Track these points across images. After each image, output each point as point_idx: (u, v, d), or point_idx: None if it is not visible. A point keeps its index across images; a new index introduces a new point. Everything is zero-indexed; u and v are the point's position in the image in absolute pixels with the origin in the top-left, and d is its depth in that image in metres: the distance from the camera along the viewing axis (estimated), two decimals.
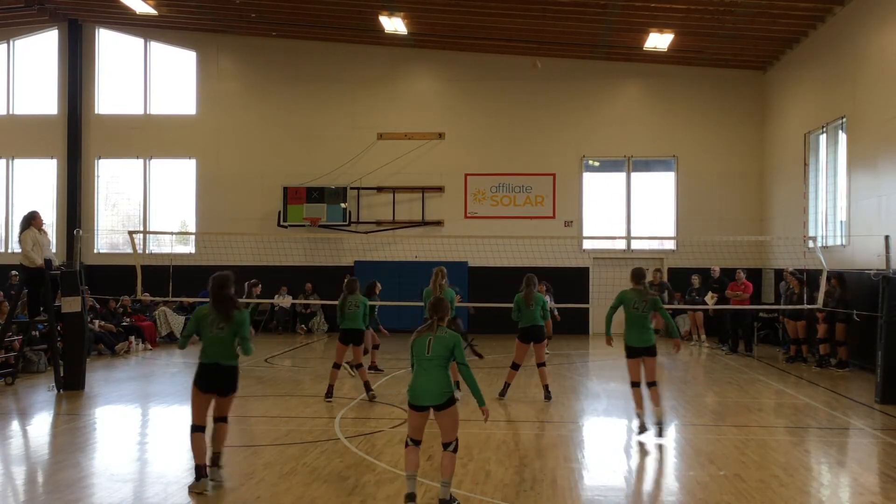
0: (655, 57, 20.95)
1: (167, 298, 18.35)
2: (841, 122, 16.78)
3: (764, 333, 19.00)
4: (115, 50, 23.67)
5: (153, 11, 20.68)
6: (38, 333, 14.48)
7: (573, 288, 20.30)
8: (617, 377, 14.53)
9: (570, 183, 22.26)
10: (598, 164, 22.64)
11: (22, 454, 8.77)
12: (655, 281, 17.19)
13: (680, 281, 20.53)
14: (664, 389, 12.79)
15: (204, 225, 22.74)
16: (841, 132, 17.05)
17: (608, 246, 22.23)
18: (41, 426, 10.37)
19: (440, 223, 22.14)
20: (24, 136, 23.49)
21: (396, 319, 18.70)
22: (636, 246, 22.27)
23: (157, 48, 23.42)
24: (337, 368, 11.63)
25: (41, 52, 23.73)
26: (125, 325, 18.07)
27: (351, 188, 22.03)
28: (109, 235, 23.67)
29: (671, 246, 22.03)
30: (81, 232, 15.92)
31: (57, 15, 22.70)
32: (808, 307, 15.10)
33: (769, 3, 16.78)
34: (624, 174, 22.38)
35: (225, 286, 7.41)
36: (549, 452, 8.51)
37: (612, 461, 8.32)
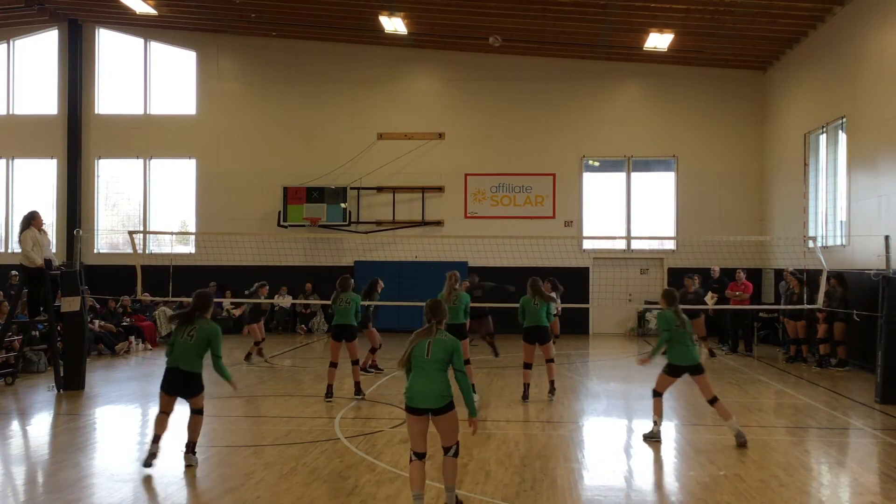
0: (655, 57, 20.96)
1: (167, 298, 18.35)
2: (841, 122, 16.78)
3: (764, 333, 19.01)
4: (115, 50, 23.67)
5: (153, 11, 20.69)
6: (37, 333, 14.49)
7: (573, 288, 20.27)
8: (617, 377, 14.54)
9: (570, 183, 22.27)
10: (598, 164, 22.64)
11: (22, 454, 8.77)
12: (690, 289, 16.81)
13: (680, 281, 20.55)
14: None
15: (204, 225, 22.74)
16: (841, 132, 17.05)
17: (608, 246, 22.23)
18: (41, 426, 10.37)
19: (440, 223, 22.14)
20: (24, 136, 23.49)
21: (396, 319, 18.74)
22: (636, 246, 22.28)
23: (157, 48, 23.42)
24: (334, 367, 11.63)
25: (41, 52, 23.73)
26: (125, 325, 18.08)
27: (351, 188, 22.04)
28: (109, 235, 23.67)
29: (671, 246, 22.03)
30: (81, 232, 15.93)
31: (57, 15, 22.70)
32: (808, 307, 15.10)
33: (769, 3, 16.78)
34: (624, 174, 22.38)
35: (206, 308, 7.91)
36: (549, 452, 8.51)
37: (612, 461, 8.32)
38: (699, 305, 16.43)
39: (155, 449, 7.84)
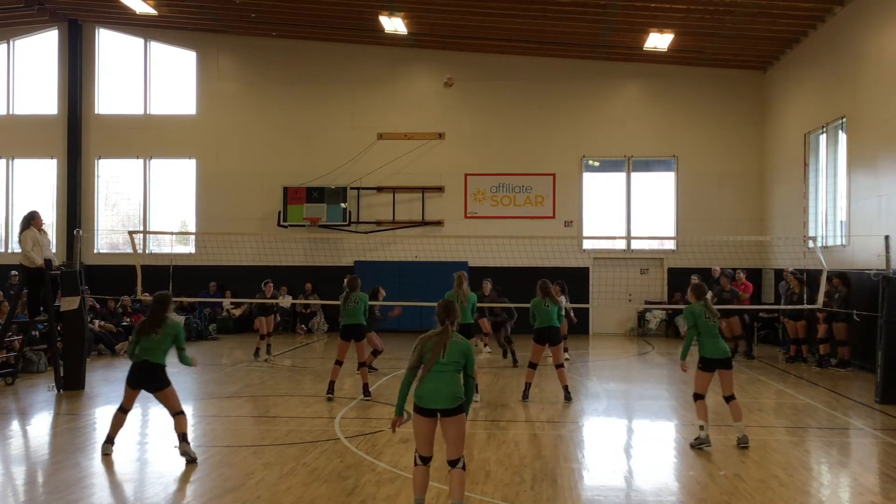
0: (655, 57, 20.96)
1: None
2: (841, 122, 16.78)
3: (764, 333, 19.02)
4: (115, 50, 23.66)
5: (153, 11, 20.68)
6: (37, 333, 14.49)
7: (573, 288, 20.21)
8: (617, 377, 14.55)
9: (570, 183, 22.27)
10: (598, 164, 22.64)
11: (22, 454, 8.77)
12: (726, 287, 16.55)
13: (680, 281, 20.58)
14: (664, 390, 12.82)
15: (204, 225, 22.74)
16: (841, 132, 17.04)
17: (608, 246, 22.23)
18: (41, 426, 10.37)
19: (440, 223, 22.14)
20: (24, 136, 23.49)
21: (396, 320, 18.69)
22: (636, 246, 22.28)
23: (157, 48, 23.42)
24: (339, 365, 11.64)
25: (41, 52, 23.73)
26: (125, 324, 18.08)
27: (351, 188, 22.03)
28: (109, 235, 23.67)
29: (671, 246, 22.04)
30: (81, 232, 15.92)
31: (57, 15, 22.70)
32: (808, 307, 15.10)
33: (769, 3, 16.78)
34: (624, 174, 22.38)
35: (165, 308, 8.43)
36: (549, 452, 8.51)
37: (612, 461, 8.32)
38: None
39: (108, 450, 8.26)
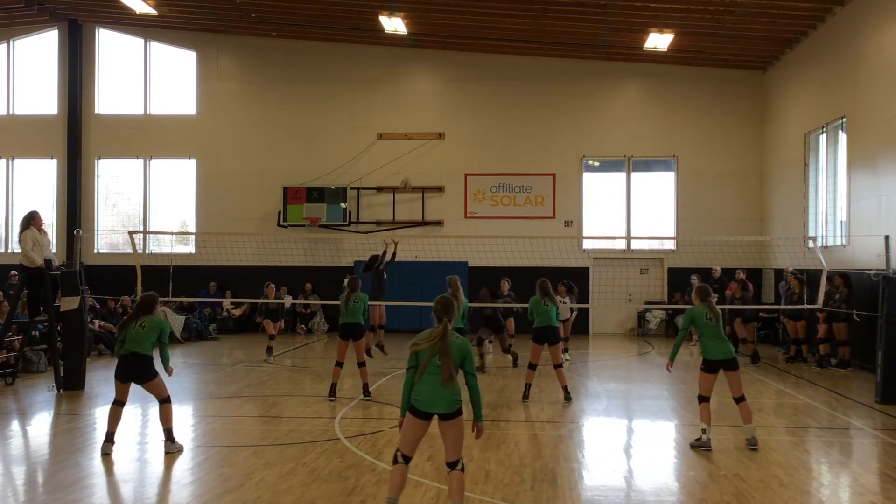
0: (655, 57, 20.96)
1: (167, 298, 18.34)
2: (841, 122, 16.78)
3: (764, 333, 19.01)
4: (115, 50, 23.67)
5: (153, 11, 20.68)
6: (37, 333, 14.48)
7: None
8: (616, 377, 14.54)
9: (570, 183, 22.27)
10: (598, 164, 22.64)
11: (22, 454, 8.77)
12: (737, 294, 16.26)
13: (680, 281, 20.59)
14: (664, 390, 12.81)
15: (204, 225, 22.74)
16: (841, 132, 17.05)
17: (608, 246, 22.23)
18: (41, 426, 10.37)
19: (440, 223, 22.14)
20: (24, 136, 23.49)
21: (396, 320, 18.74)
22: (636, 246, 22.28)
23: (157, 48, 23.42)
24: (339, 367, 11.63)
25: (41, 52, 23.73)
26: None
27: (351, 188, 22.04)
28: (109, 235, 23.67)
29: (671, 246, 22.04)
30: (81, 232, 15.92)
31: (57, 15, 22.70)
32: (808, 307, 15.09)
33: (769, 3, 16.78)
34: (624, 174, 22.39)
35: (149, 308, 8.66)
36: (549, 452, 8.50)
37: (612, 461, 8.32)
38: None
39: (108, 449, 8.33)
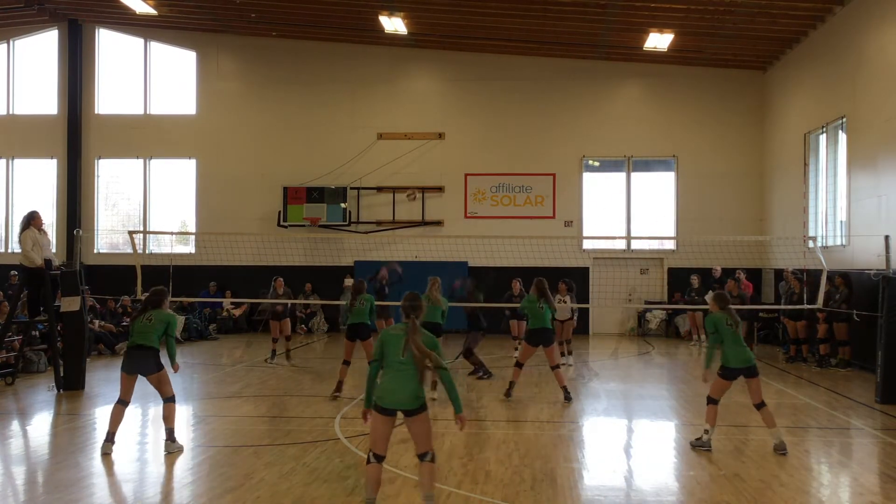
0: (655, 57, 20.95)
1: (169, 298, 18.32)
2: (841, 122, 16.78)
3: (764, 333, 19.01)
4: (115, 50, 23.67)
5: (153, 11, 20.67)
6: (37, 333, 14.48)
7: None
8: (616, 377, 14.54)
9: (570, 183, 22.27)
10: (598, 164, 22.64)
11: (22, 454, 8.77)
12: (734, 292, 16.23)
13: (680, 281, 20.58)
14: (664, 390, 12.82)
15: (204, 225, 22.74)
16: (841, 132, 17.05)
17: (608, 246, 22.23)
18: (41, 426, 10.37)
19: (440, 223, 22.14)
20: (24, 136, 23.49)
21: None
22: (636, 246, 22.28)
23: (156, 48, 23.42)
24: (347, 365, 11.69)
25: (41, 52, 23.73)
26: (125, 325, 18.06)
27: (351, 188, 22.04)
28: (109, 235, 23.67)
29: (671, 246, 22.04)
30: (81, 232, 15.92)
31: (57, 15, 22.70)
32: (808, 307, 15.09)
33: (769, 3, 16.78)
34: (624, 174, 22.39)
35: (162, 301, 8.84)
36: (549, 452, 8.50)
37: (612, 461, 8.32)
38: (700, 306, 16.32)
39: (108, 449, 8.31)
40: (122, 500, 6.84)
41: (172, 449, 8.39)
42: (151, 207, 23.50)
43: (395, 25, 20.15)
